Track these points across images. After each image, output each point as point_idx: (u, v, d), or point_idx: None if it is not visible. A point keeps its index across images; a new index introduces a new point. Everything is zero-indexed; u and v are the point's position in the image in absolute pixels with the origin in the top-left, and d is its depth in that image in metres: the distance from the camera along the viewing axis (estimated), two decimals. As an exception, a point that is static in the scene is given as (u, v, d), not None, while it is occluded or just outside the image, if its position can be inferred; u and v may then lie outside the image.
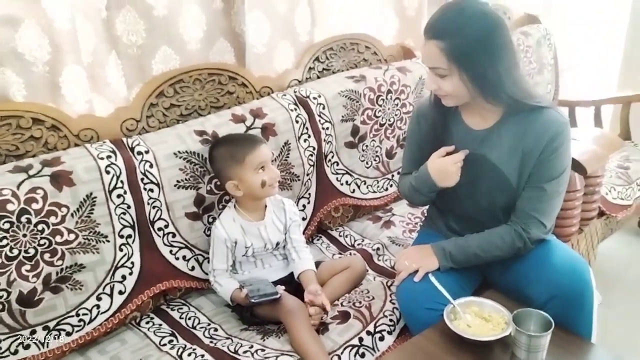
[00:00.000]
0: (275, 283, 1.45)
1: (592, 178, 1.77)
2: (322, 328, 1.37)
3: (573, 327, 1.24)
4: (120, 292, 1.40)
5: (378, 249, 1.73)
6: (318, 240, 1.84)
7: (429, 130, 1.42)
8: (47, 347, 1.31)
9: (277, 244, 1.51)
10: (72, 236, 1.32)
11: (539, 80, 2.45)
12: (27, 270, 1.26)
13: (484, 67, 1.22)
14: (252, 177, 1.41)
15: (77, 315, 1.34)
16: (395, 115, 1.94)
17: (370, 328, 1.36)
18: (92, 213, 1.34)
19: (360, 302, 1.44)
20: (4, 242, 1.23)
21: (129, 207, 1.40)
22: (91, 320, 1.36)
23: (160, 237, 1.46)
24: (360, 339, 1.34)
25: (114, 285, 1.39)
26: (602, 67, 2.85)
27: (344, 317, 1.40)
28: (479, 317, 1.24)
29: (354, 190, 1.88)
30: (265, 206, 1.51)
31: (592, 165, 1.70)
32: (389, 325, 1.38)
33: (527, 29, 2.44)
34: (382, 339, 1.35)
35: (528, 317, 1.16)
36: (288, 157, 1.68)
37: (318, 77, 1.94)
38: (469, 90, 1.26)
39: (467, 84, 1.24)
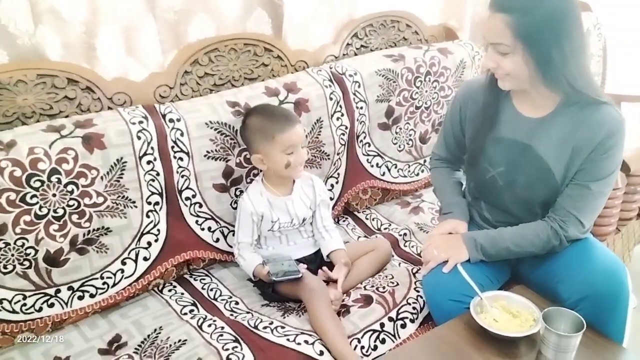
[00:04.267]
0: (299, 261, 1.43)
1: (635, 177, 1.70)
2: (343, 310, 1.35)
3: (604, 329, 1.20)
4: (145, 259, 1.41)
5: (405, 234, 1.70)
6: (344, 221, 1.81)
7: (478, 112, 1.36)
8: (71, 306, 1.32)
9: (304, 219, 1.49)
10: (101, 199, 1.32)
11: (586, 71, 2.35)
12: (55, 230, 1.27)
13: (550, 47, 1.14)
14: (278, 157, 1.38)
15: (102, 278, 1.35)
16: (433, 98, 1.88)
17: (393, 314, 1.34)
18: (121, 177, 1.34)
19: (384, 287, 1.42)
20: (34, 200, 1.23)
21: (158, 174, 1.39)
22: (115, 284, 1.37)
23: (187, 206, 1.46)
24: (382, 325, 1.32)
25: (139, 251, 1.40)
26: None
27: (367, 301, 1.37)
28: (506, 312, 1.20)
29: (384, 173, 1.84)
30: (293, 181, 1.49)
31: (637, 163, 1.63)
32: (411, 313, 1.35)
33: (576, 17, 2.33)
34: (404, 326, 1.33)
35: (558, 316, 1.12)
36: (320, 134, 1.64)
37: (355, 54, 1.89)
38: (530, 72, 1.19)
39: (530, 64, 1.17)
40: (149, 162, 1.38)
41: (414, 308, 1.36)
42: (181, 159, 1.42)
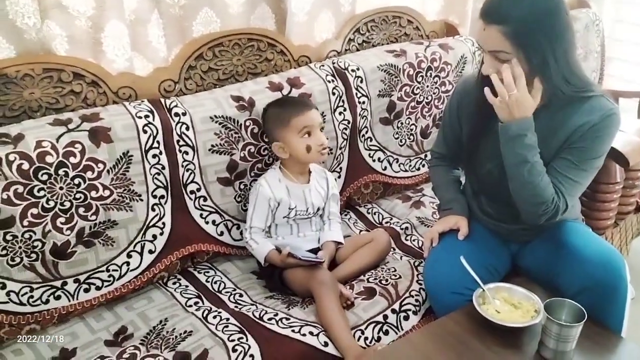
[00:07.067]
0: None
1: (634, 171, 1.72)
2: (348, 303, 1.37)
3: (603, 319, 1.22)
4: (150, 252, 1.42)
5: (406, 228, 1.72)
6: (346, 215, 1.83)
7: (473, 107, 1.38)
8: (77, 299, 1.34)
9: (318, 209, 1.53)
10: (107, 192, 1.33)
11: (584, 66, 2.36)
12: (62, 223, 1.28)
13: (546, 48, 1.17)
14: (296, 141, 1.43)
15: (107, 270, 1.37)
16: (434, 93, 1.90)
17: (396, 306, 1.36)
18: (127, 171, 1.35)
19: (386, 280, 1.44)
20: (42, 193, 1.24)
21: (163, 167, 1.40)
22: (120, 277, 1.38)
23: (191, 200, 1.47)
24: (385, 317, 1.34)
25: (144, 244, 1.41)
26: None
27: (370, 293, 1.39)
28: (508, 304, 1.22)
29: (385, 167, 1.86)
30: (310, 171, 1.53)
31: (635, 157, 1.65)
32: (414, 305, 1.37)
33: (576, 13, 2.36)
34: (406, 318, 1.35)
35: (559, 307, 1.14)
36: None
37: (357, 50, 1.90)
38: (528, 73, 1.20)
39: (529, 66, 1.19)
40: (154, 156, 1.39)
41: (416, 300, 1.38)
42: (186, 152, 1.44)
